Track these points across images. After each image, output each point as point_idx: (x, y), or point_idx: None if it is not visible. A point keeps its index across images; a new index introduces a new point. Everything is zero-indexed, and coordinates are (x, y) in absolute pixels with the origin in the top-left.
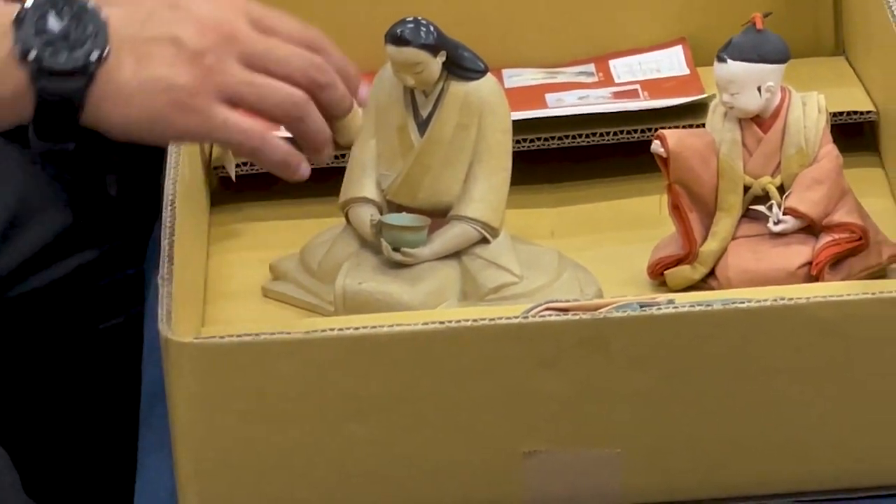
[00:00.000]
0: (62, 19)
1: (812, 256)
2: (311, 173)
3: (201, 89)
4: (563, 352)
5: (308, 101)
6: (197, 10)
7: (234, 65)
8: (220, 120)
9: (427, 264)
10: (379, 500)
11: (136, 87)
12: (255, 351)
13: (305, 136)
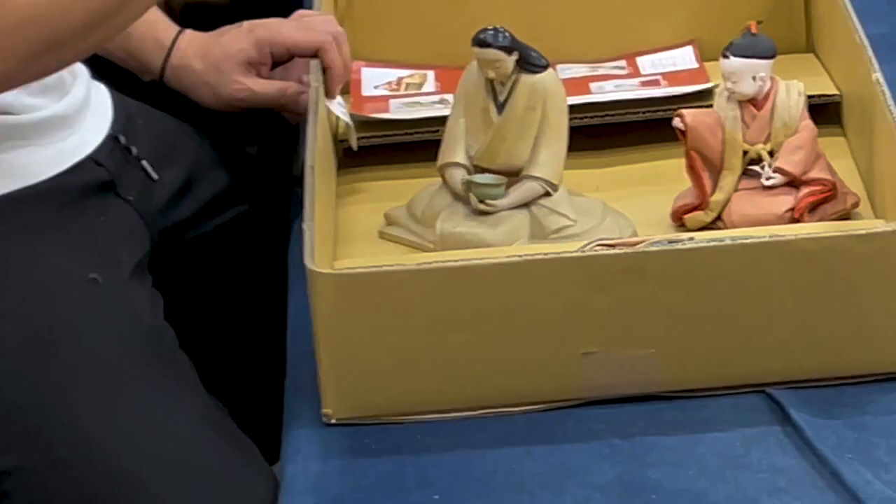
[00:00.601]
0: None
1: (795, 204)
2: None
3: None
4: (611, 277)
5: None
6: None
7: None
8: None
9: (504, 212)
10: (473, 390)
11: None
12: (377, 279)
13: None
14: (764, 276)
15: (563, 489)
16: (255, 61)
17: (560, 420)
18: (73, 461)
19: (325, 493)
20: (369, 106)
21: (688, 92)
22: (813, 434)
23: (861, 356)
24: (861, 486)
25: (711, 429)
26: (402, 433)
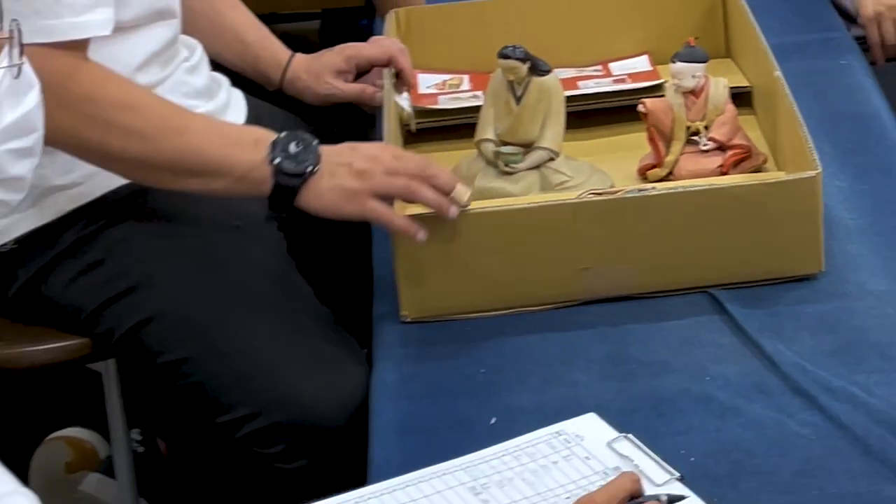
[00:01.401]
0: (297, 147)
1: (723, 162)
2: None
3: (360, 190)
4: (600, 215)
5: (417, 186)
6: (363, 149)
7: (379, 175)
8: (370, 207)
9: (522, 172)
10: (505, 296)
11: (324, 188)
12: (438, 218)
13: (426, 202)
14: (707, 212)
15: (571, 363)
16: (342, 70)
17: (567, 315)
18: (230, 352)
19: (404, 370)
20: (424, 100)
21: (646, 86)
22: (742, 320)
23: (774, 265)
24: (776, 355)
25: (672, 318)
26: (456, 327)
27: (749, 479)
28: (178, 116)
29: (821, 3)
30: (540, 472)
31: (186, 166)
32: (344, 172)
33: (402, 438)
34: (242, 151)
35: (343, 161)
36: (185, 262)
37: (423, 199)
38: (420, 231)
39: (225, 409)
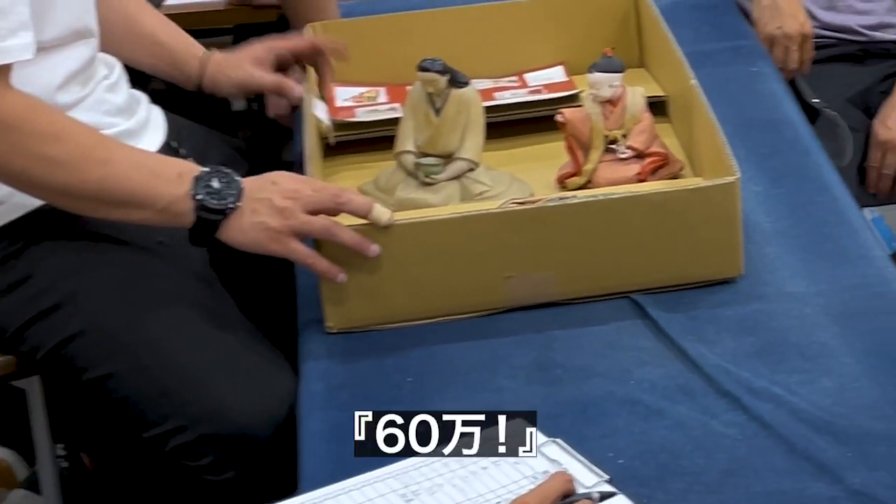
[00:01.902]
0: (221, 182)
1: (641, 169)
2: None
3: (281, 230)
4: (522, 224)
5: (335, 226)
6: (282, 183)
7: (300, 213)
8: (291, 248)
9: (442, 183)
10: (430, 305)
11: (246, 225)
12: (360, 231)
13: (344, 243)
14: (627, 218)
15: (496, 370)
16: (261, 59)
17: (491, 323)
18: (155, 366)
19: (330, 380)
20: (342, 113)
21: (562, 96)
22: (664, 324)
23: (693, 270)
24: (699, 357)
25: (594, 324)
26: (382, 337)
27: (676, 479)
28: (103, 147)
29: (730, 12)
30: (470, 478)
31: (109, 197)
32: (265, 210)
33: (331, 447)
34: (165, 184)
35: (264, 197)
36: (110, 278)
37: (342, 240)
38: (340, 274)
39: (151, 423)
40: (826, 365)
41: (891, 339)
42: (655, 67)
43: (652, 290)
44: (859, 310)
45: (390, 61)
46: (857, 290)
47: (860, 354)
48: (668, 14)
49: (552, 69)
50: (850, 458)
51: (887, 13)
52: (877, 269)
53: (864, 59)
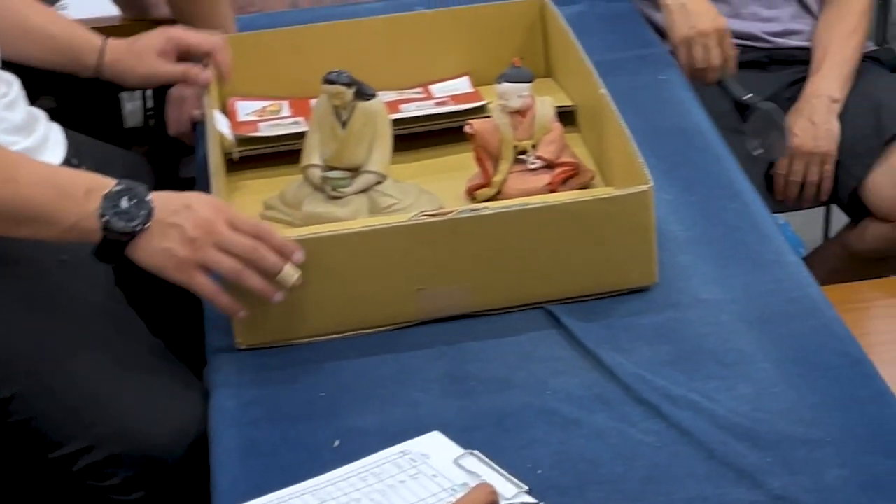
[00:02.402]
0: (130, 201)
1: (551, 179)
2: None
3: (188, 260)
4: (434, 236)
5: (243, 271)
6: (197, 210)
7: (210, 248)
8: (196, 281)
9: (350, 196)
10: (341, 319)
11: (154, 249)
12: None
13: (249, 287)
14: (540, 229)
15: (410, 383)
16: (165, 51)
17: (403, 336)
18: (59, 387)
19: (242, 397)
20: (244, 128)
21: (469, 108)
22: (578, 333)
23: (606, 279)
24: (615, 366)
25: (508, 335)
26: (293, 352)
27: (596, 488)
28: (9, 165)
29: (635, 21)
30: (388, 492)
31: (15, 215)
32: (175, 237)
33: (245, 464)
34: (72, 202)
35: (175, 222)
36: (11, 298)
37: (249, 285)
38: (242, 311)
39: (57, 444)
40: (743, 371)
41: (807, 344)
42: (563, 77)
43: (566, 300)
44: (775, 315)
45: (293, 75)
46: (772, 296)
47: (777, 360)
48: (574, 24)
49: (457, 80)
50: (770, 464)
51: (791, 20)
52: (790, 274)
53: (769, 66)
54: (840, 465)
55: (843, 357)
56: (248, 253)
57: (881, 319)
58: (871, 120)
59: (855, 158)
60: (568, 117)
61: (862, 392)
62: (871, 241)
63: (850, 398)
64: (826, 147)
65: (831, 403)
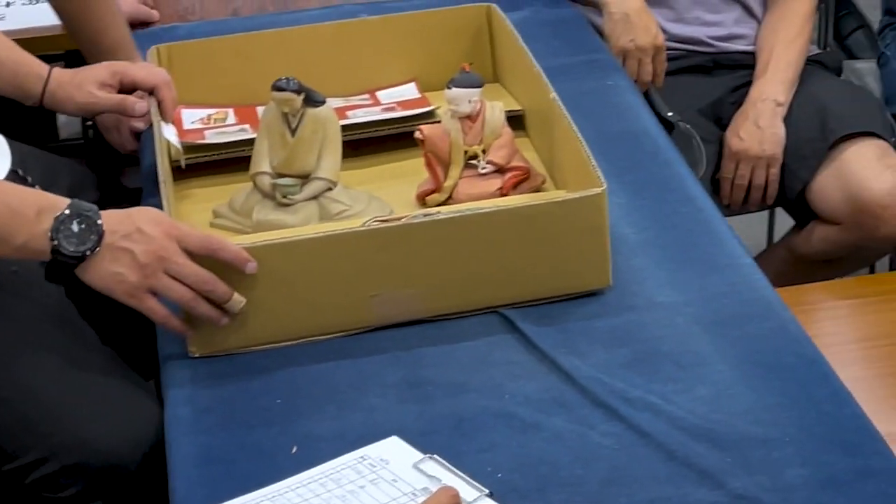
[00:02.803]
0: (80, 225)
1: (502, 184)
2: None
3: (139, 286)
4: (387, 241)
5: (194, 299)
6: (149, 234)
7: (161, 275)
8: (146, 306)
9: (301, 203)
10: (295, 326)
11: (105, 272)
12: None
13: (197, 315)
14: (494, 233)
15: (366, 389)
16: (106, 83)
17: (358, 342)
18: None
19: (197, 404)
20: (191, 136)
21: (417, 113)
22: (534, 337)
23: (561, 283)
24: (572, 369)
25: (464, 339)
26: (248, 360)
27: (557, 490)
28: None
29: (581, 26)
30: (348, 498)
31: None
32: (126, 261)
33: (203, 471)
34: (22, 222)
35: (126, 247)
36: None
37: (198, 314)
38: (190, 331)
39: (11, 456)
40: (700, 373)
41: (763, 346)
42: (511, 82)
43: (521, 304)
44: (730, 317)
45: (237, 82)
46: (727, 298)
47: (734, 361)
48: (519, 30)
49: (404, 86)
50: (730, 464)
51: (735, 24)
52: (744, 276)
53: (713, 71)
54: (799, 464)
55: (799, 357)
56: (200, 285)
57: (830, 321)
58: (816, 123)
59: (801, 161)
60: (516, 122)
61: (819, 392)
62: (818, 243)
63: (808, 398)
64: (771, 151)
65: (789, 403)
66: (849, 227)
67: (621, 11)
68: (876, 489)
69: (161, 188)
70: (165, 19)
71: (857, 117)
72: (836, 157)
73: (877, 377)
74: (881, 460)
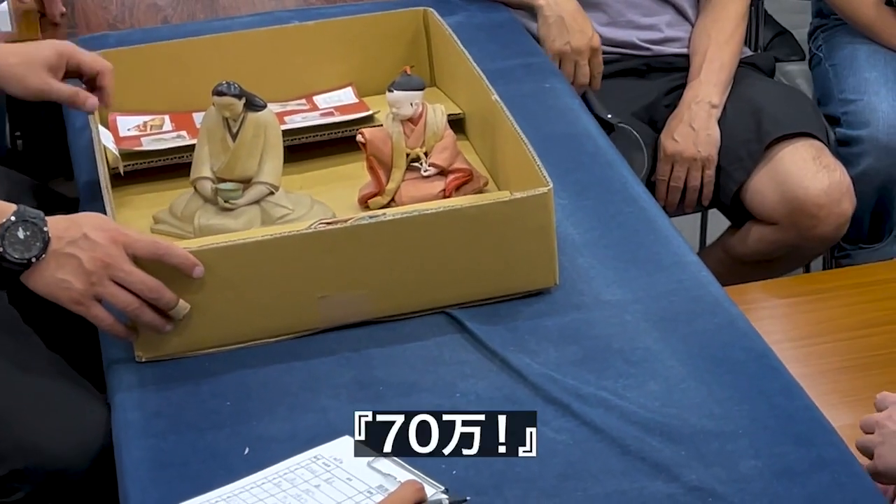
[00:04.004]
0: (26, 232)
1: (445, 186)
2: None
3: (85, 293)
4: (334, 244)
5: (140, 307)
6: (94, 241)
7: (107, 282)
8: (92, 313)
9: (242, 208)
10: (242, 329)
11: (50, 279)
12: None
13: (142, 323)
14: (440, 234)
15: (317, 390)
16: (54, 67)
17: (307, 344)
18: None
19: (146, 408)
20: (127, 142)
21: (356, 118)
22: (484, 337)
23: (509, 282)
24: (523, 367)
25: (413, 340)
26: (196, 363)
27: (513, 486)
28: None
29: (516, 30)
30: (304, 497)
31: None
32: (72, 268)
33: (155, 474)
34: None
35: (72, 253)
36: None
37: (142, 322)
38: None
39: None
40: (651, 368)
41: (711, 341)
42: (449, 86)
43: (468, 305)
44: (678, 314)
45: (172, 89)
46: (674, 296)
47: (683, 357)
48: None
49: (341, 91)
50: (685, 457)
51: (668, 27)
52: (691, 273)
53: (647, 74)
54: (753, 455)
55: (748, 352)
56: (146, 292)
57: (770, 320)
58: (751, 124)
59: (736, 163)
60: (456, 126)
61: (769, 385)
62: (753, 243)
63: (759, 391)
64: (706, 152)
65: (740, 397)
66: (785, 226)
67: (556, 14)
68: (830, 479)
69: (104, 194)
70: (95, 28)
71: (791, 118)
72: (771, 158)
73: (818, 374)
74: (834, 451)
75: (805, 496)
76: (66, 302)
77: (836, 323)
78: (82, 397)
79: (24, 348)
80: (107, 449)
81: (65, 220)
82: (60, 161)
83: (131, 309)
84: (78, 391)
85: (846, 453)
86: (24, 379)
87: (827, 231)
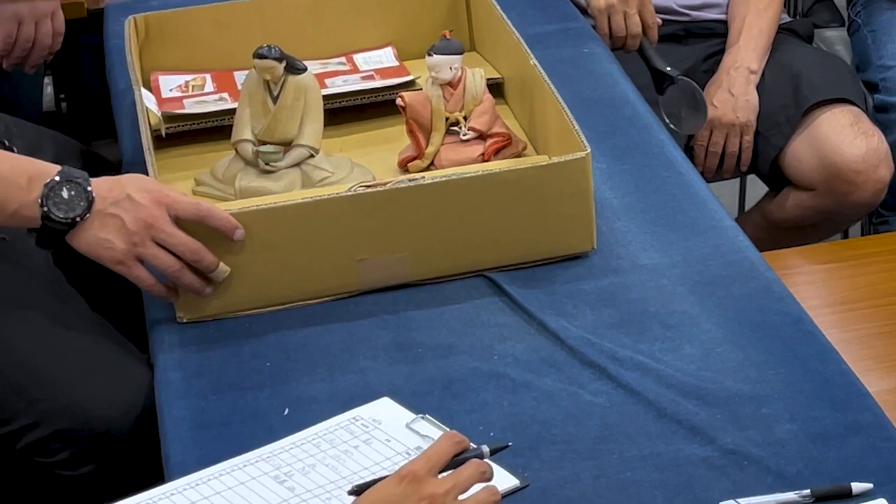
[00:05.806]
0: (70, 192)
1: (484, 150)
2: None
3: (127, 253)
4: (374, 206)
5: (181, 269)
6: (138, 202)
7: (149, 243)
8: (134, 273)
9: (283, 171)
10: (283, 291)
11: (93, 238)
12: None
13: (182, 285)
14: (479, 197)
15: (356, 351)
16: None
17: (347, 306)
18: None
19: (187, 369)
20: (169, 104)
21: (397, 83)
22: (521, 299)
23: (547, 246)
24: (560, 330)
25: (451, 302)
26: (236, 324)
27: (550, 448)
28: None
29: None
30: (342, 457)
31: None
32: (115, 228)
33: (196, 434)
34: (14, 190)
35: (115, 213)
36: None
37: (182, 284)
38: (174, 296)
39: (2, 421)
40: (688, 332)
41: (748, 305)
42: (489, 50)
43: (507, 268)
44: (715, 278)
45: (214, 50)
46: (711, 260)
47: (720, 321)
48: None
49: (381, 50)
50: (720, 420)
51: None
52: (728, 238)
53: (686, 39)
54: (789, 419)
55: (784, 316)
56: (188, 254)
57: (807, 286)
58: (789, 90)
59: (774, 128)
60: (495, 90)
61: (805, 349)
62: (791, 209)
63: (794, 355)
64: (745, 118)
65: (776, 361)
66: (822, 192)
67: None
68: (865, 443)
69: (146, 156)
70: None
71: (829, 84)
72: (809, 124)
73: (855, 339)
74: (870, 415)
75: (840, 460)
76: (108, 262)
77: (873, 289)
78: (125, 358)
79: (68, 309)
80: (149, 410)
81: (109, 181)
82: (104, 123)
83: (172, 271)
84: (121, 352)
85: (881, 418)
86: (69, 340)
87: (864, 197)
